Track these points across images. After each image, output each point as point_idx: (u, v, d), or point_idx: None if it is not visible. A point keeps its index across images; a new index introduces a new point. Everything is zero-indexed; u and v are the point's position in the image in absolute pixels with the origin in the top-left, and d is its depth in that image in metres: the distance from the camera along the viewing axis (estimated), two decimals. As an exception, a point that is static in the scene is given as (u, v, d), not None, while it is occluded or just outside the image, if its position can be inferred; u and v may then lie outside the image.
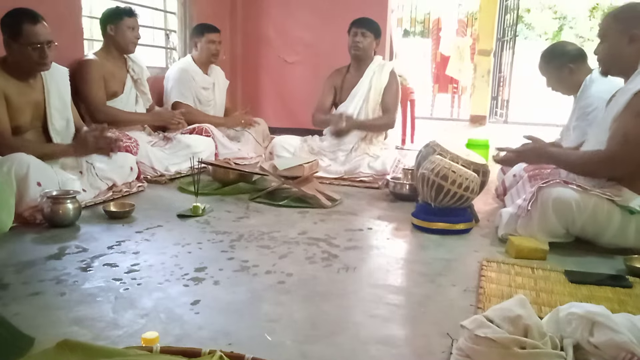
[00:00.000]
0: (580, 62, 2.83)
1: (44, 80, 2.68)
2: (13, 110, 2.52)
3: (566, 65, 2.81)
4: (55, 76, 2.74)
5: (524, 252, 2.06)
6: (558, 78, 2.88)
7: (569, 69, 2.81)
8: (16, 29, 2.45)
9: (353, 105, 3.75)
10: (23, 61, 2.51)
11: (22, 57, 2.49)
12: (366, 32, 3.66)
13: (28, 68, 2.55)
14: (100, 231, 2.29)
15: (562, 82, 2.88)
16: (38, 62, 2.52)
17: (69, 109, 2.83)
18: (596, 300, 1.65)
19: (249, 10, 5.23)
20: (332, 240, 2.23)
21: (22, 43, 2.46)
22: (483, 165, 2.61)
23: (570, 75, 2.82)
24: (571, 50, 2.87)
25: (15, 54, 2.49)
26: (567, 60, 2.81)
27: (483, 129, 7.57)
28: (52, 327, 1.42)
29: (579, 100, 2.80)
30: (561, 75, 2.85)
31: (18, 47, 2.47)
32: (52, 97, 2.70)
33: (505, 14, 8.30)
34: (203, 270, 1.86)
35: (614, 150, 2.10)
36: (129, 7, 3.49)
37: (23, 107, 2.57)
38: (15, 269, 1.83)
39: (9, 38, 2.47)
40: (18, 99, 2.54)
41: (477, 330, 1.11)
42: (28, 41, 2.46)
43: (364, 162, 3.48)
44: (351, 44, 3.68)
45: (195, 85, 4.03)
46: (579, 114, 2.76)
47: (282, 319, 1.51)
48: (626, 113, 2.07)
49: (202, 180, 2.79)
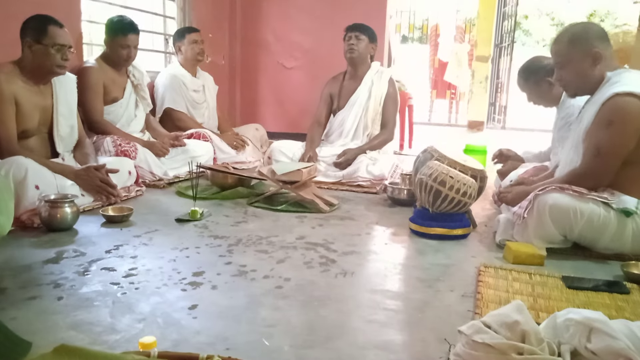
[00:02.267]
0: None
1: (54, 86, 2.72)
2: (22, 114, 2.54)
3: (544, 80, 2.80)
4: (64, 83, 2.79)
5: (522, 258, 2.06)
6: (538, 93, 2.88)
7: (547, 83, 2.79)
8: (42, 30, 2.51)
9: (352, 115, 3.76)
10: (44, 62, 2.54)
11: (44, 58, 2.53)
12: (360, 35, 3.68)
13: (46, 70, 2.58)
14: (98, 235, 2.28)
15: (543, 96, 2.88)
16: (59, 64, 2.57)
17: (75, 116, 2.87)
18: (594, 307, 1.65)
19: (248, 16, 5.25)
20: (330, 245, 2.24)
21: (46, 44, 2.51)
22: (481, 170, 2.62)
23: (549, 89, 2.82)
24: (547, 64, 2.84)
25: (37, 55, 2.53)
26: (545, 74, 2.78)
27: (481, 135, 7.58)
28: (50, 331, 1.42)
29: (560, 111, 2.82)
30: (541, 90, 2.85)
31: (41, 48, 2.52)
32: (60, 103, 2.74)
33: (503, 21, 8.33)
34: (201, 274, 1.86)
35: (588, 164, 2.14)
36: (129, 23, 3.35)
37: (32, 111, 2.59)
38: (13, 273, 1.83)
39: (32, 40, 2.52)
40: (28, 104, 2.56)
41: (474, 336, 1.11)
42: (52, 42, 2.52)
43: (362, 166, 3.49)
44: (346, 47, 3.71)
45: (185, 89, 4.03)
46: (561, 125, 2.78)
47: (280, 324, 1.51)
48: (596, 125, 2.11)
49: (200, 184, 2.79)
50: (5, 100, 2.47)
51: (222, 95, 4.68)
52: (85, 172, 2.65)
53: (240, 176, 3.16)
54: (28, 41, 2.53)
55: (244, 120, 5.27)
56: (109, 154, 3.11)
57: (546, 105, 2.96)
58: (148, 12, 4.36)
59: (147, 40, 4.37)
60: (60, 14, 2.76)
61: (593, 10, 19.28)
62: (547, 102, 2.93)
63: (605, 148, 2.08)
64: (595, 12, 19.26)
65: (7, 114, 2.48)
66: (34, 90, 2.61)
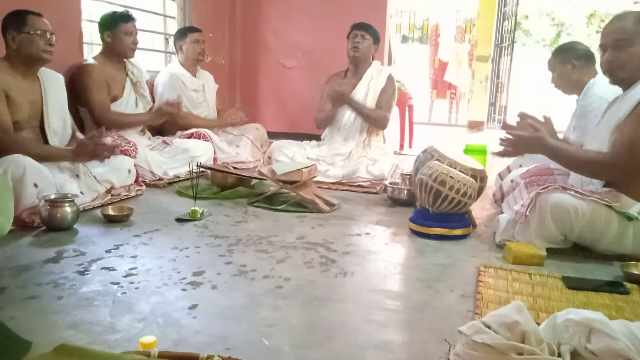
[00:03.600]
0: (584, 61, 2.85)
1: (42, 81, 2.73)
2: (13, 107, 2.56)
3: (570, 61, 2.86)
4: (52, 80, 2.81)
5: (522, 258, 2.06)
6: (560, 73, 2.92)
7: (572, 65, 2.85)
8: (21, 20, 2.56)
9: (351, 111, 3.76)
10: (30, 50, 2.57)
11: (29, 45, 2.57)
12: (365, 35, 3.69)
13: (34, 58, 2.61)
14: (98, 235, 2.28)
15: (563, 77, 2.91)
16: (44, 50, 2.60)
17: (66, 111, 2.88)
18: (593, 307, 1.65)
19: (248, 15, 5.25)
20: (330, 245, 2.24)
21: (29, 31, 2.55)
22: (481, 170, 2.62)
23: (572, 72, 2.86)
24: (579, 48, 2.92)
25: (23, 45, 2.56)
26: (573, 56, 2.86)
27: (481, 135, 7.58)
28: (49, 331, 1.42)
29: (581, 100, 2.83)
30: (564, 70, 2.89)
31: (25, 36, 2.55)
32: (50, 97, 2.75)
33: (503, 21, 8.33)
34: (201, 274, 1.86)
35: (619, 155, 2.08)
36: (125, 12, 3.47)
37: (21, 103, 2.61)
38: (12, 272, 1.83)
39: (14, 31, 2.55)
40: (17, 97, 2.58)
41: (474, 336, 1.11)
42: (34, 28, 2.56)
43: (362, 166, 3.49)
44: (350, 45, 3.71)
45: (185, 89, 4.02)
46: (580, 113, 2.80)
47: (280, 324, 1.51)
48: (632, 120, 2.07)
49: (200, 184, 2.79)
50: None
51: (222, 95, 4.68)
52: (79, 147, 2.68)
53: (240, 176, 3.16)
54: (11, 33, 2.56)
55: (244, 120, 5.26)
56: (109, 153, 3.11)
57: (565, 89, 2.97)
58: (148, 12, 4.36)
59: (147, 39, 4.37)
60: (61, 13, 2.77)
61: (593, 10, 19.27)
62: (566, 85, 2.94)
63: (639, 143, 2.03)
64: (595, 12, 19.26)
65: (0, 105, 2.50)
66: (22, 84, 2.63)
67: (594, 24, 19.37)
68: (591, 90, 2.76)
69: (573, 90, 2.93)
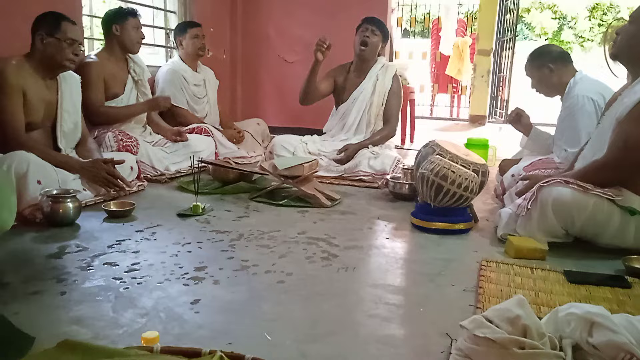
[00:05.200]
0: (560, 62, 2.84)
1: (59, 83, 2.76)
2: (28, 107, 2.58)
3: (546, 65, 2.84)
4: (69, 81, 2.83)
5: (523, 252, 2.06)
6: (538, 78, 2.92)
7: (549, 69, 2.84)
8: (56, 24, 2.58)
9: (355, 109, 3.75)
10: (55, 56, 2.59)
11: (56, 51, 2.59)
12: (376, 31, 3.66)
13: (57, 64, 2.63)
14: (100, 230, 2.29)
15: (542, 82, 2.91)
16: (69, 58, 2.62)
17: (79, 114, 2.89)
18: (595, 301, 1.66)
19: (249, 10, 5.23)
20: (331, 240, 2.24)
21: (59, 38, 2.58)
22: (482, 165, 2.61)
23: (550, 76, 2.85)
24: (553, 51, 2.91)
25: (49, 49, 2.58)
26: (548, 60, 2.84)
27: (483, 129, 7.57)
28: (52, 326, 1.42)
29: (565, 101, 2.83)
30: (541, 75, 2.88)
31: (54, 41, 2.57)
32: (65, 99, 2.77)
33: (505, 14, 8.30)
34: (203, 269, 1.86)
35: (612, 155, 2.10)
36: (132, 7, 3.51)
37: (37, 104, 2.62)
38: (15, 268, 1.84)
39: (45, 33, 2.57)
40: (34, 96, 2.59)
41: (476, 331, 1.12)
42: (65, 36, 2.59)
43: (364, 160, 3.48)
44: (359, 39, 3.65)
45: (186, 84, 4.02)
46: (565, 114, 2.79)
47: (282, 319, 1.51)
48: (628, 119, 2.06)
49: (202, 179, 2.79)
50: (13, 91, 2.50)
51: (223, 89, 4.67)
52: (92, 165, 2.67)
53: (241, 171, 3.17)
54: (41, 34, 2.57)
55: (245, 114, 5.27)
56: (111, 149, 3.11)
57: (545, 93, 2.97)
58: (149, 7, 4.35)
59: (148, 34, 4.36)
60: (61, 7, 2.77)
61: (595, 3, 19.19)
62: (546, 89, 2.94)
63: (632, 141, 2.03)
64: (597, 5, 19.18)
65: (16, 104, 2.52)
66: (40, 84, 2.64)
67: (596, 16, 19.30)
68: (573, 89, 2.75)
69: (554, 92, 2.93)
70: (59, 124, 2.74)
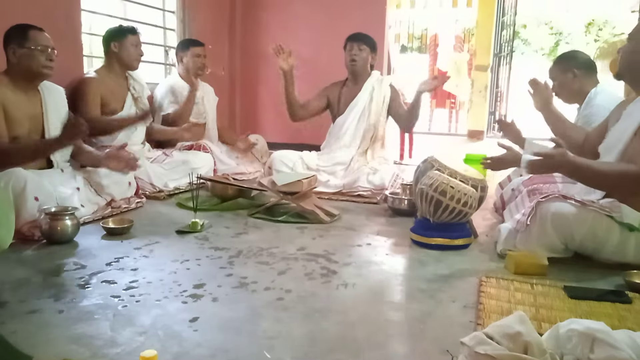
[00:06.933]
0: (585, 70, 2.85)
1: (42, 95, 2.74)
2: (11, 122, 2.56)
3: (571, 70, 2.85)
4: (53, 93, 2.81)
5: (523, 268, 2.05)
6: (561, 81, 2.91)
7: (572, 74, 2.84)
8: (23, 35, 2.58)
9: (351, 118, 3.76)
10: (30, 65, 2.58)
11: (30, 60, 2.58)
12: (362, 45, 3.69)
13: (33, 73, 2.62)
14: (98, 247, 2.28)
15: (564, 86, 2.90)
16: (44, 65, 2.61)
17: None
18: (596, 316, 1.65)
19: (247, 27, 5.27)
20: (331, 256, 2.23)
21: (29, 47, 2.56)
22: (481, 180, 2.62)
23: (573, 81, 2.85)
24: (581, 57, 2.92)
25: (23, 60, 2.57)
26: (574, 65, 2.85)
27: (481, 144, 7.59)
28: (50, 345, 1.41)
29: (583, 110, 2.83)
30: (565, 79, 2.88)
31: (26, 51, 2.56)
32: (50, 111, 2.75)
33: (501, 30, 8.37)
34: (202, 286, 1.85)
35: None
36: (132, 25, 3.54)
37: (21, 119, 2.61)
38: (13, 286, 1.82)
39: (15, 46, 2.57)
40: (17, 111, 2.58)
41: (477, 347, 1.11)
42: (35, 43, 2.57)
43: (363, 175, 3.49)
44: (348, 58, 3.71)
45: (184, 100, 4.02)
46: (583, 123, 2.79)
47: (281, 336, 1.50)
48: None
49: (200, 196, 2.79)
50: None
51: (222, 106, 4.69)
52: (115, 152, 2.83)
53: (240, 187, 3.17)
54: (12, 48, 2.57)
55: (244, 130, 5.28)
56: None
57: (565, 98, 2.97)
58: (148, 24, 4.38)
59: (147, 52, 4.38)
60: (61, 25, 2.79)
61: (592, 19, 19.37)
62: (566, 94, 2.94)
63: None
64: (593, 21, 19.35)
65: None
66: (22, 99, 2.63)
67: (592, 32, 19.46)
68: (594, 99, 2.76)
69: (574, 99, 2.93)
70: (47, 136, 2.72)
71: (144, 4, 4.29)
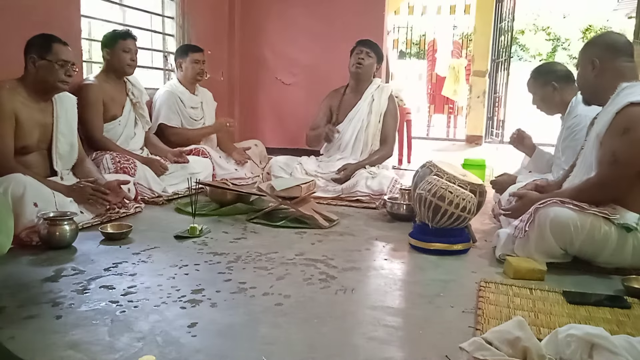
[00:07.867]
0: (564, 82, 2.88)
1: (54, 105, 2.75)
2: (21, 131, 2.57)
3: (550, 83, 2.88)
4: (65, 102, 2.82)
5: (522, 273, 2.05)
6: (542, 95, 2.94)
7: (552, 87, 2.88)
8: (47, 46, 2.58)
9: (351, 129, 3.77)
10: (48, 78, 2.59)
11: (48, 73, 2.58)
12: (370, 52, 3.71)
13: (49, 86, 2.63)
14: (97, 253, 2.28)
15: (545, 100, 2.93)
16: (62, 80, 2.62)
17: (75, 135, 2.88)
18: (595, 322, 1.65)
19: (246, 33, 5.28)
20: (329, 261, 2.23)
21: (51, 60, 2.57)
22: (480, 185, 2.62)
23: (553, 94, 2.88)
24: (558, 70, 2.94)
25: (41, 71, 2.58)
26: (552, 78, 2.88)
27: (479, 149, 7.60)
28: (48, 350, 1.41)
29: (566, 121, 2.85)
30: (545, 92, 2.91)
31: (46, 64, 2.57)
32: (60, 121, 2.77)
33: (499, 36, 8.40)
34: (200, 292, 1.85)
35: (605, 172, 2.11)
36: (125, 29, 3.51)
37: (31, 128, 2.62)
38: (11, 291, 1.82)
39: (36, 56, 2.57)
40: (28, 120, 2.59)
41: (476, 353, 1.11)
42: (57, 58, 2.58)
43: (361, 181, 3.49)
44: (354, 61, 3.71)
45: (182, 106, 4.02)
46: (567, 134, 2.80)
47: (280, 342, 1.50)
48: (611, 133, 2.10)
49: (199, 201, 2.79)
50: (4, 116, 2.50)
51: (221, 111, 4.69)
52: (76, 185, 2.66)
53: (239, 192, 3.16)
54: (33, 57, 2.58)
55: (243, 136, 5.28)
56: (108, 171, 3.11)
57: (547, 111, 2.99)
58: (147, 30, 4.39)
59: (146, 57, 4.40)
60: (60, 31, 2.79)
61: (588, 25, 19.46)
62: (548, 107, 2.96)
63: (622, 155, 2.05)
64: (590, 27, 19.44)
65: (6, 129, 2.51)
66: (34, 108, 2.64)
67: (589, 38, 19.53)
68: (575, 108, 2.77)
69: (556, 110, 2.96)
70: (54, 146, 2.74)
71: (143, 9, 4.30)
